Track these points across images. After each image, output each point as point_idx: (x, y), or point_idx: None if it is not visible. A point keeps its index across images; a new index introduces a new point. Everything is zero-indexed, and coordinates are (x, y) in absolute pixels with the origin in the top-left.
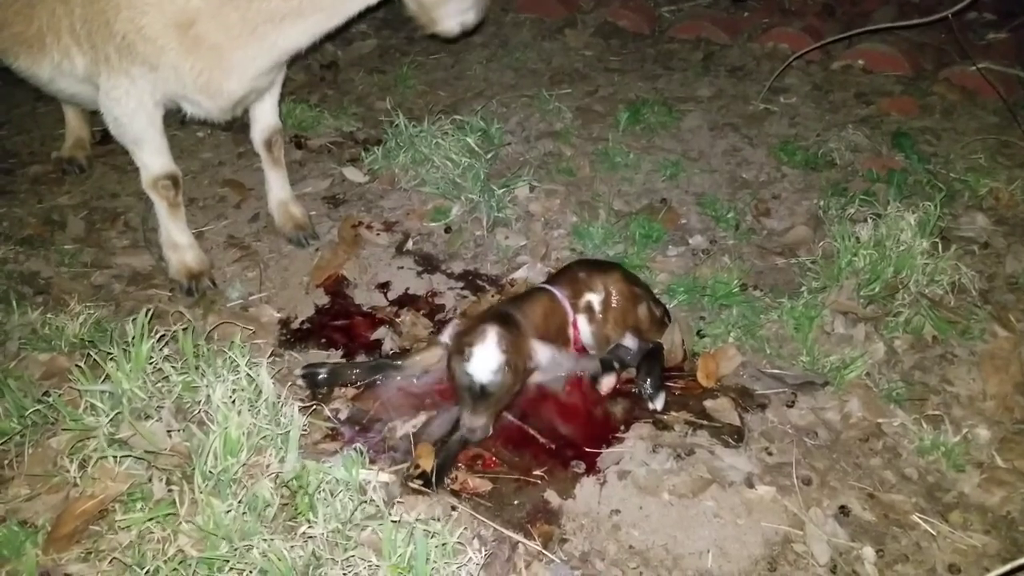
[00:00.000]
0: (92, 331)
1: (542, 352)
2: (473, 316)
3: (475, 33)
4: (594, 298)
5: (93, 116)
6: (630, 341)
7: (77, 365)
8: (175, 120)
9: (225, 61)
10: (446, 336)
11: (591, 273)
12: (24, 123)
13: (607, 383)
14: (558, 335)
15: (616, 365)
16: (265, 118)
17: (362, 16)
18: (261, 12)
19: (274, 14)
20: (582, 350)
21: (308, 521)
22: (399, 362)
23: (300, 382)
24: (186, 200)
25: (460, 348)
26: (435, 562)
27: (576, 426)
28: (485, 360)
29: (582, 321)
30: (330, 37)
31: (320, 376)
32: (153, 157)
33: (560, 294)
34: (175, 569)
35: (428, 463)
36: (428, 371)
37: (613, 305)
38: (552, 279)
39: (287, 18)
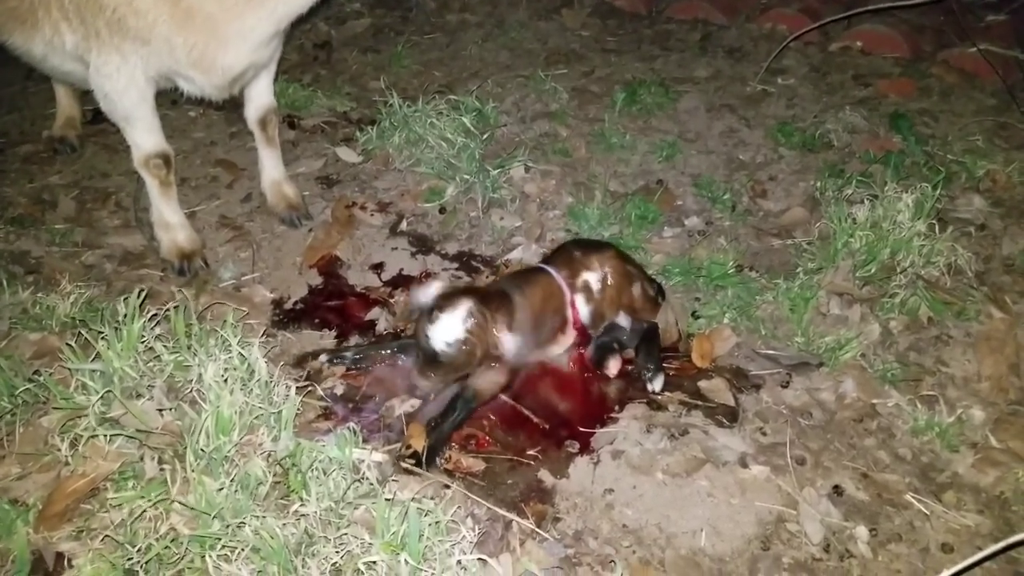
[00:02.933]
0: (83, 310)
1: (508, 343)
2: (462, 286)
3: None
4: (591, 277)
5: (84, 95)
6: (624, 320)
7: (68, 344)
8: (167, 99)
9: (220, 33)
10: (430, 292)
11: (586, 252)
12: (14, 102)
13: (614, 365)
14: (555, 316)
15: (616, 346)
16: (260, 97)
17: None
18: None
19: None
20: (582, 329)
21: (301, 499)
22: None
23: (326, 367)
24: (178, 180)
25: (431, 309)
26: (428, 540)
27: (570, 406)
28: (446, 330)
29: (580, 300)
30: (325, 4)
31: (347, 359)
32: (145, 135)
33: (557, 275)
34: (167, 547)
35: (419, 443)
36: None
37: (608, 283)
38: (548, 259)
39: None
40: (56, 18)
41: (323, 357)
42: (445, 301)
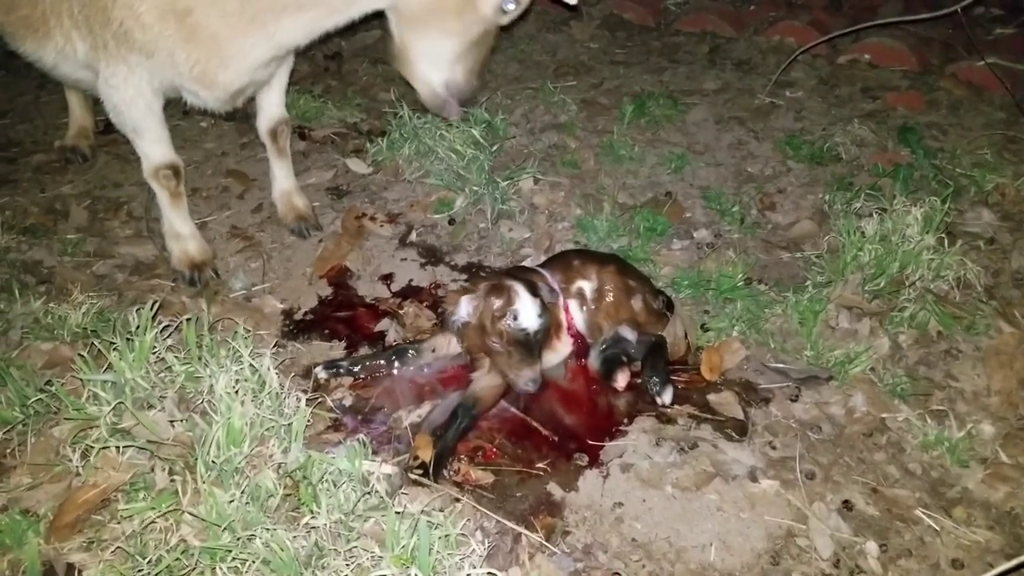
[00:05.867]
0: (95, 321)
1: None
2: (470, 289)
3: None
4: (586, 285)
5: (96, 105)
6: (628, 333)
7: (80, 354)
8: (178, 110)
9: (222, 51)
10: (464, 313)
11: (585, 262)
12: (27, 112)
13: (622, 378)
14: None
15: (624, 359)
16: (271, 108)
17: (365, 20)
18: (261, 1)
19: (274, 4)
20: (577, 336)
21: (311, 512)
22: (415, 347)
23: (321, 375)
24: (189, 190)
25: (501, 314)
26: (438, 553)
27: (579, 419)
28: (530, 310)
29: (573, 306)
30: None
31: (342, 368)
32: (153, 146)
33: (551, 278)
34: (177, 559)
35: (426, 454)
36: (442, 356)
37: (606, 296)
38: (545, 264)
39: (287, 10)
40: (68, 27)
41: (319, 369)
42: (498, 304)
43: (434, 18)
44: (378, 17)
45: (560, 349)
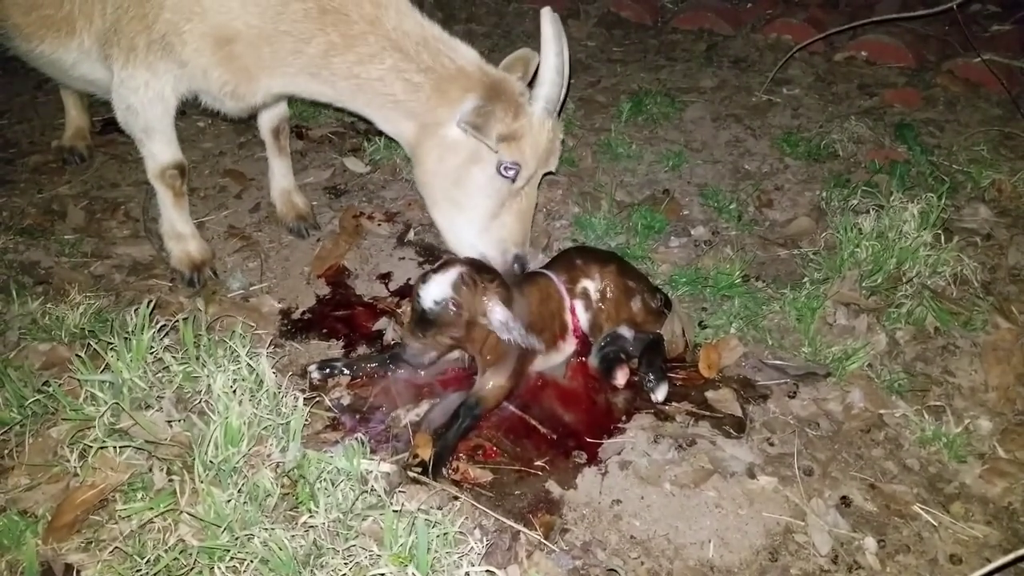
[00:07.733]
0: (92, 321)
1: (498, 314)
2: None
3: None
4: (590, 285)
5: (92, 106)
6: (627, 331)
7: (77, 355)
8: (176, 110)
9: (252, 81)
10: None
11: (587, 261)
12: (24, 112)
13: (621, 376)
14: (553, 320)
15: (623, 356)
16: (274, 106)
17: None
18: (287, 59)
19: (295, 65)
20: (582, 336)
21: (309, 511)
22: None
23: (315, 375)
24: (187, 190)
25: (427, 272)
26: (436, 552)
27: (577, 416)
28: (434, 289)
29: (579, 307)
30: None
31: (337, 369)
32: (163, 147)
33: (557, 280)
34: (176, 559)
35: (426, 453)
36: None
37: (607, 297)
38: (549, 265)
39: (302, 74)
40: (98, 27)
41: (312, 368)
42: (441, 265)
43: (439, 188)
44: None
45: (565, 349)
